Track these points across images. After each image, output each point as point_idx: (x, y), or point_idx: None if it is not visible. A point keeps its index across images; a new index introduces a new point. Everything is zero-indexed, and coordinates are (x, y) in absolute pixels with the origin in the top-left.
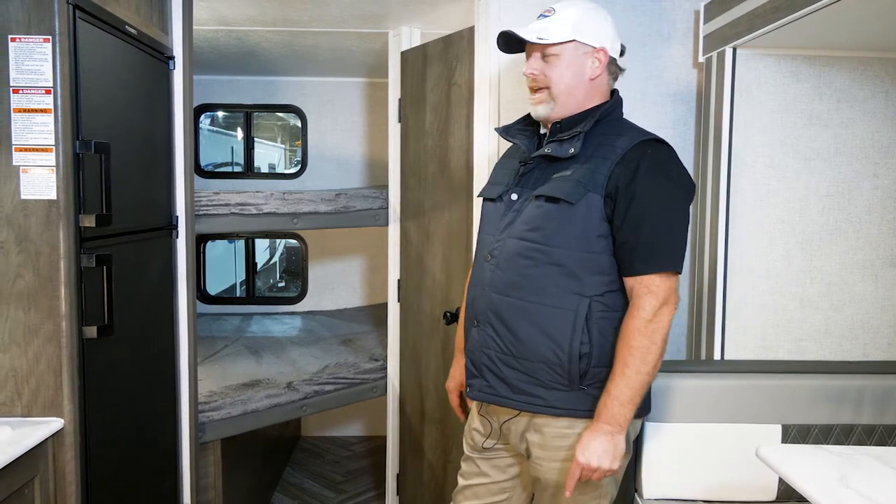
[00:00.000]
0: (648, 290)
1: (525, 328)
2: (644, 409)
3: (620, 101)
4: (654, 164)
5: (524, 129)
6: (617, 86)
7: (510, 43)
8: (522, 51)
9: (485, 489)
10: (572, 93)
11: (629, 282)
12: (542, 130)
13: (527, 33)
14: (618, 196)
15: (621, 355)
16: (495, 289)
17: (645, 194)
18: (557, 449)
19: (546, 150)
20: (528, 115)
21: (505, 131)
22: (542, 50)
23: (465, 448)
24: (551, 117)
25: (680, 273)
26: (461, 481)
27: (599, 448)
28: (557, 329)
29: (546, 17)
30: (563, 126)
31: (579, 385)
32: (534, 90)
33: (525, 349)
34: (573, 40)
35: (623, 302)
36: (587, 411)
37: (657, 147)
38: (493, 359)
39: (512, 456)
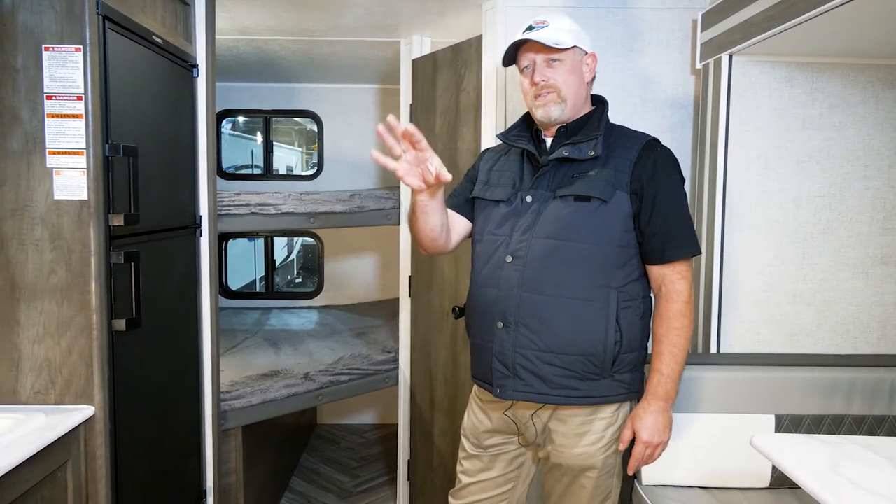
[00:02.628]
0: (681, 275)
1: (564, 323)
2: (638, 392)
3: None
4: (665, 162)
5: (521, 135)
6: (618, 91)
7: (512, 53)
8: (514, 63)
9: (491, 483)
10: (578, 96)
11: (660, 269)
12: (544, 135)
13: (543, 39)
14: (643, 192)
15: (667, 337)
16: (526, 288)
17: (665, 189)
18: (581, 435)
19: (564, 152)
20: (523, 121)
21: (506, 136)
22: (549, 57)
23: (467, 446)
24: (561, 119)
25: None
26: (465, 479)
27: (660, 424)
28: (594, 321)
29: (542, 27)
30: (571, 129)
31: (610, 372)
32: (540, 95)
33: (564, 343)
34: (574, 46)
35: (638, 290)
36: (615, 396)
37: (662, 146)
38: (529, 357)
39: (518, 447)
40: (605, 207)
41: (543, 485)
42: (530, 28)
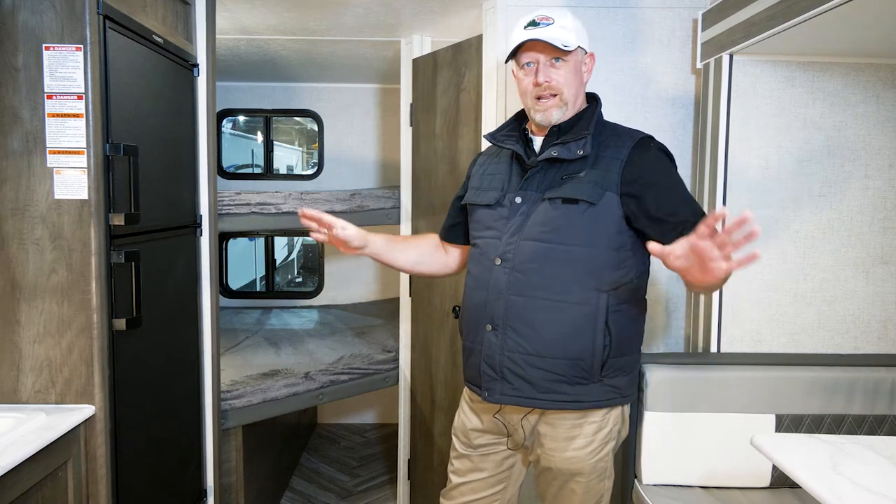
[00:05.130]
0: None
1: (551, 327)
2: (630, 396)
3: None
4: (659, 158)
5: (510, 135)
6: (619, 90)
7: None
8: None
9: (482, 483)
10: (576, 96)
11: None
12: (532, 135)
13: (552, 39)
14: (638, 190)
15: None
16: (514, 291)
17: (664, 180)
18: (571, 439)
19: (553, 152)
20: (511, 121)
21: (493, 137)
22: (553, 57)
23: (458, 446)
24: (561, 120)
25: None
26: (455, 479)
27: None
28: (582, 325)
29: (547, 24)
30: (562, 129)
31: (599, 376)
32: (542, 97)
33: (551, 347)
34: (578, 46)
35: (631, 293)
36: (604, 401)
37: (654, 142)
38: (516, 361)
39: (509, 448)
40: (594, 210)
41: (536, 487)
42: (534, 24)
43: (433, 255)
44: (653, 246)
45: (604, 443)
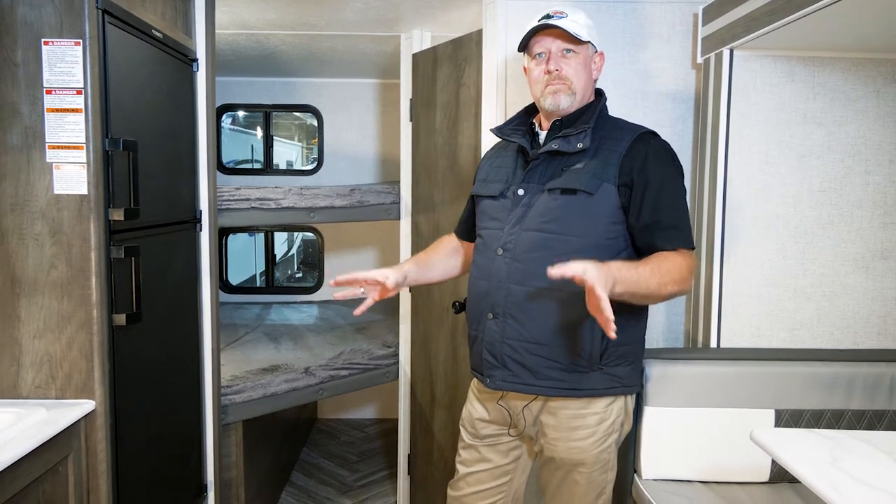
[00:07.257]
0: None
1: (550, 315)
2: (633, 386)
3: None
4: (658, 153)
5: (517, 129)
6: (619, 85)
7: (525, 39)
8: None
9: (488, 474)
10: (585, 90)
11: None
12: (537, 129)
13: (567, 27)
14: (633, 184)
15: (659, 266)
16: (514, 280)
17: (657, 180)
18: (573, 429)
19: (553, 145)
20: (518, 116)
21: (500, 131)
22: (565, 47)
23: (465, 437)
24: (569, 110)
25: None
26: (462, 469)
27: (595, 269)
28: (580, 313)
29: (561, 17)
30: (565, 123)
31: (598, 365)
32: (551, 84)
33: (550, 335)
34: (589, 42)
35: None
36: (605, 389)
37: (656, 137)
38: (515, 348)
39: (514, 439)
40: (592, 200)
41: (538, 479)
42: (548, 17)
43: (458, 259)
44: (555, 271)
45: (606, 434)
